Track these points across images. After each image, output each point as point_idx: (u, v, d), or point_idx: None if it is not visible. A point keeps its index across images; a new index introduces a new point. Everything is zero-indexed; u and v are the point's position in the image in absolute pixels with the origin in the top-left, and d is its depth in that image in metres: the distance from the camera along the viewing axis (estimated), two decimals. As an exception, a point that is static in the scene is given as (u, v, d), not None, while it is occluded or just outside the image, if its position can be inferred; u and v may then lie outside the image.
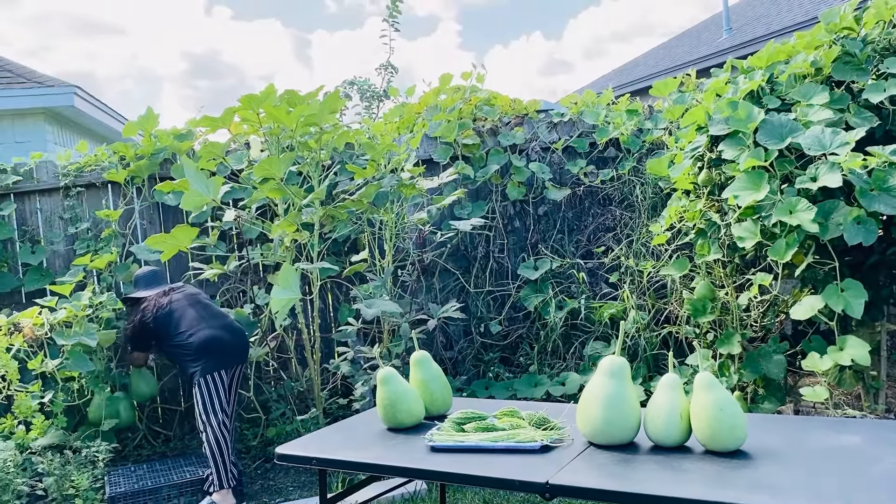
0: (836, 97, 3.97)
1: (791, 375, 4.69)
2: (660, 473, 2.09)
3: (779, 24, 11.51)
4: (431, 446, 2.44)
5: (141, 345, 4.41)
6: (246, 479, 4.39)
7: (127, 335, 4.46)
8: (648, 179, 5.40)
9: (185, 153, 5.07)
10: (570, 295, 5.40)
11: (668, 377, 2.34)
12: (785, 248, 3.70)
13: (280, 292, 3.77)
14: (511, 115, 5.74)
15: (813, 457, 2.14)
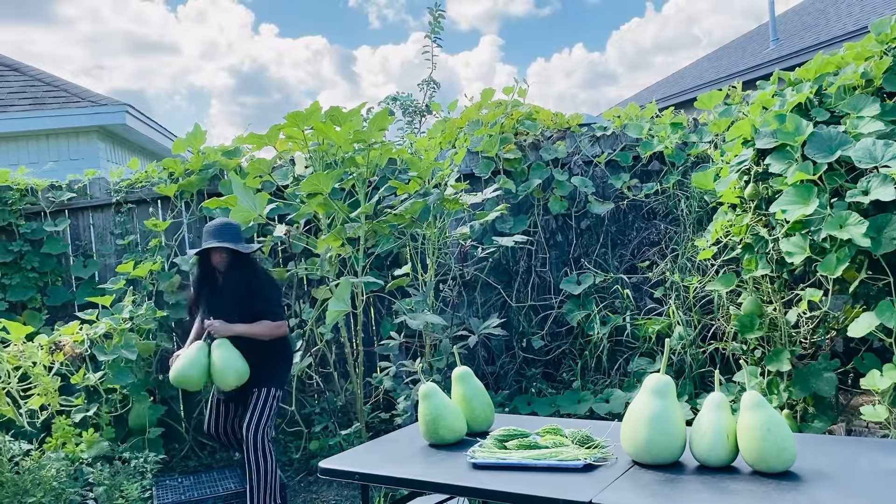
0: (888, 108, 3.87)
1: (842, 394, 4.56)
2: (706, 494, 2.06)
3: (827, 34, 11.29)
4: (473, 463, 2.44)
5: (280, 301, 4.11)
6: (290, 492, 4.43)
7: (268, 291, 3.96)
8: (693, 193, 5.33)
9: (232, 169, 5.18)
10: (614, 310, 5.35)
11: (714, 396, 2.30)
12: (836, 263, 3.61)
13: (335, 304, 3.91)
14: (553, 129, 5.73)
15: (866, 480, 2.08)
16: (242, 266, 3.89)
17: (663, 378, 2.34)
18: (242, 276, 3.87)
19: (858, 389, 4.29)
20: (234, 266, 3.88)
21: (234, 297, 3.86)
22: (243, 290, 3.85)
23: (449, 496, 3.06)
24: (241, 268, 3.88)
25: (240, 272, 3.87)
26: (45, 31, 65.98)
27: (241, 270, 3.88)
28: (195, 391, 4.58)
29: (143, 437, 4.52)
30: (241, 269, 3.88)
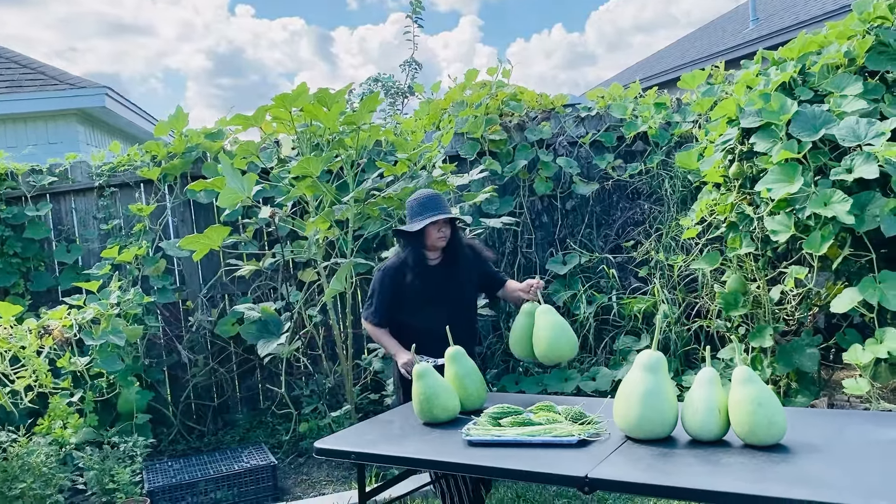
0: (871, 87, 3.92)
1: (825, 369, 4.65)
2: (699, 467, 2.10)
3: (807, 13, 11.35)
4: (469, 440, 2.46)
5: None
6: (280, 473, 4.44)
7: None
8: (677, 173, 5.37)
9: (216, 152, 5.14)
10: (600, 290, 5.39)
11: (705, 371, 2.33)
12: (820, 240, 3.66)
13: (336, 284, 3.92)
14: (537, 110, 5.73)
15: (854, 451, 2.13)
16: (459, 242, 3.38)
17: (655, 354, 2.37)
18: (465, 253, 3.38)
19: (840, 364, 4.38)
20: (455, 243, 3.34)
21: (465, 272, 3.35)
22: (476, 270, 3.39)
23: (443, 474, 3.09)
24: (460, 244, 3.38)
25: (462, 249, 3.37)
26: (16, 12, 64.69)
27: (461, 247, 3.38)
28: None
29: (131, 422, 4.50)
30: (461, 246, 3.38)
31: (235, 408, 5.29)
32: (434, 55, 58.18)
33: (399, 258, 3.34)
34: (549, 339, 2.99)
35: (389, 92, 9.14)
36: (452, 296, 3.29)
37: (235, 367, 5.24)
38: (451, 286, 3.29)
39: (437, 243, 3.25)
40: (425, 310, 3.25)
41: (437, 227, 3.21)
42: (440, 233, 3.22)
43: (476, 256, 3.42)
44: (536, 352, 3.04)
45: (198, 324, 5.12)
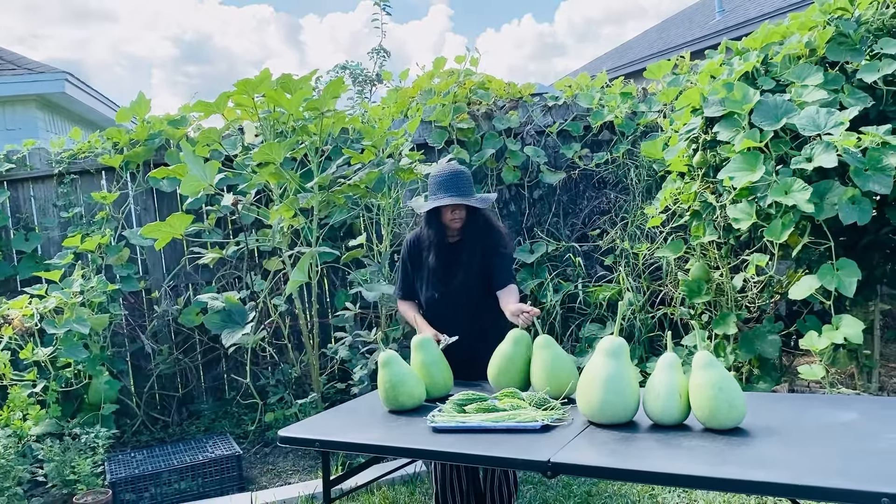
0: (831, 78, 3.98)
1: (786, 355, 4.74)
2: (660, 451, 2.12)
3: (771, 5, 11.48)
4: (433, 427, 2.46)
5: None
6: (245, 463, 4.41)
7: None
8: (643, 162, 5.41)
9: (179, 139, 5.05)
10: (566, 278, 5.42)
11: (667, 356, 2.36)
12: (781, 228, 3.72)
13: (297, 274, 3.83)
14: (506, 99, 5.73)
15: (811, 433, 2.17)
16: (479, 223, 3.21)
17: (617, 340, 2.39)
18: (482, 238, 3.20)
19: (801, 351, 4.47)
20: (472, 224, 3.18)
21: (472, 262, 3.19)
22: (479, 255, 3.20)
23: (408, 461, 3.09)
24: (478, 225, 3.20)
25: (481, 233, 3.20)
26: (-27, -3, 63.01)
27: (478, 229, 3.20)
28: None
29: (94, 413, 4.43)
30: (478, 228, 3.20)
31: (200, 398, 5.23)
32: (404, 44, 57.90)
33: (418, 231, 3.31)
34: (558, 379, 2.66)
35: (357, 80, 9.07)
36: (468, 279, 3.18)
37: (200, 356, 5.18)
38: (467, 268, 3.18)
39: (452, 224, 3.16)
40: (443, 286, 3.20)
41: (451, 207, 3.11)
42: (453, 214, 3.13)
43: (501, 248, 3.23)
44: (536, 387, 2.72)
45: (162, 313, 5.05)
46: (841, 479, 1.77)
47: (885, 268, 4.33)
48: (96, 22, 79.42)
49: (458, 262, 3.19)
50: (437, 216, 3.17)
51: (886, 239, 4.24)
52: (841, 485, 1.74)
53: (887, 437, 2.06)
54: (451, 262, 3.19)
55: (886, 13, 4.12)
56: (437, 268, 3.21)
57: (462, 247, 3.19)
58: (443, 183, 3.11)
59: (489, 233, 3.23)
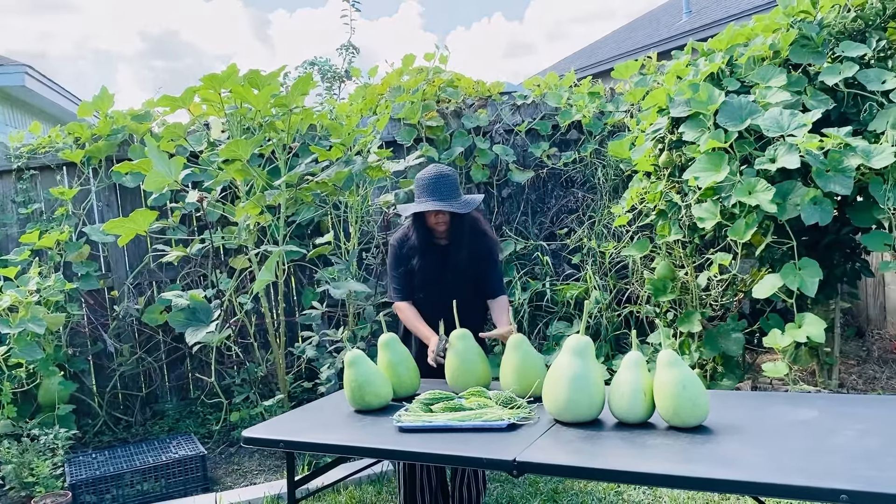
0: (794, 80, 4.04)
1: (749, 353, 4.81)
2: (625, 449, 2.13)
3: (737, 7, 11.64)
4: (399, 427, 2.45)
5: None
6: (210, 463, 4.35)
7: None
8: (610, 161, 5.45)
9: (143, 134, 4.97)
10: (534, 276, 5.44)
11: (631, 355, 2.37)
12: (744, 228, 3.77)
13: (264, 274, 3.76)
14: (474, 98, 5.73)
15: (773, 431, 2.20)
16: (465, 227, 3.16)
17: (583, 339, 2.40)
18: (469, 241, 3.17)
19: (764, 348, 4.53)
20: (458, 227, 3.13)
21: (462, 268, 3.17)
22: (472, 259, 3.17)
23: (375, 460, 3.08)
24: (464, 229, 3.15)
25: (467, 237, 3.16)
26: (-70, -14, 61.35)
27: (465, 232, 3.16)
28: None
29: (53, 414, 4.34)
30: (464, 231, 3.15)
31: (164, 397, 5.15)
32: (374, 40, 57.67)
33: (404, 230, 3.27)
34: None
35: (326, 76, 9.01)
36: (455, 280, 3.16)
37: (164, 355, 5.10)
38: (455, 271, 3.16)
39: (436, 227, 3.14)
40: (428, 288, 3.17)
41: (434, 211, 3.08)
42: (437, 218, 3.10)
43: (488, 254, 3.22)
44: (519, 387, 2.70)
45: (124, 312, 4.96)
46: (801, 476, 1.80)
47: (846, 267, 4.42)
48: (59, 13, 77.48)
49: (445, 265, 3.16)
50: (423, 219, 3.14)
51: (847, 239, 4.33)
52: (801, 482, 1.77)
53: (846, 434, 2.09)
54: (438, 265, 3.17)
55: (847, 17, 4.19)
56: (425, 270, 3.18)
57: (449, 249, 3.16)
58: (427, 186, 3.08)
59: (477, 237, 3.21)
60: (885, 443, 2.00)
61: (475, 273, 3.20)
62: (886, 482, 1.73)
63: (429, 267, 3.17)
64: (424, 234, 3.16)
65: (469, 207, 3.09)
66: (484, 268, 3.21)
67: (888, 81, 3.87)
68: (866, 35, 4.13)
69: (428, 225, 3.15)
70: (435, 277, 3.17)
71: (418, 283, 3.20)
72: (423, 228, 3.15)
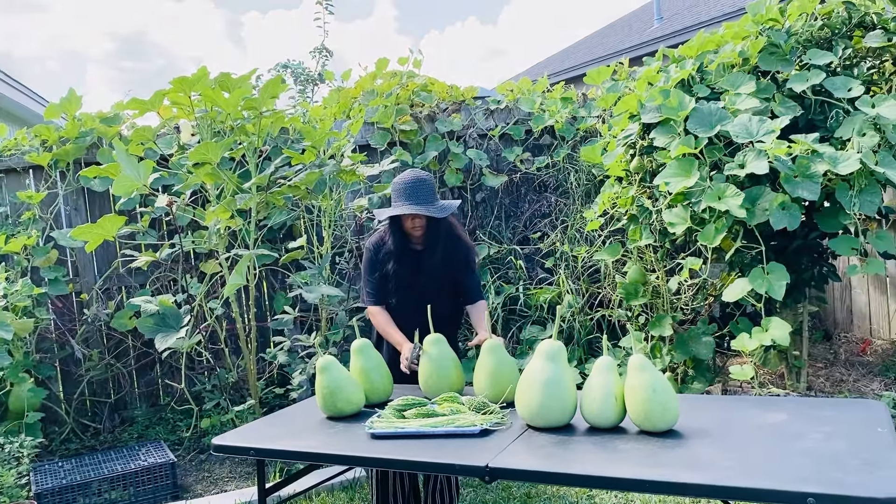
0: (763, 86, 4.10)
1: (719, 356, 4.86)
2: (596, 454, 2.14)
3: (707, 14, 11.79)
4: (372, 433, 2.44)
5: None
6: (180, 470, 4.30)
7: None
8: (582, 166, 5.48)
9: (112, 137, 4.90)
10: (508, 280, 5.46)
11: (602, 360, 2.38)
12: (714, 233, 3.81)
13: (234, 278, 3.72)
14: (448, 102, 5.74)
15: (742, 435, 2.22)
16: (441, 232, 3.14)
17: (555, 344, 2.41)
18: (444, 246, 3.15)
19: (734, 352, 4.58)
20: (434, 233, 3.12)
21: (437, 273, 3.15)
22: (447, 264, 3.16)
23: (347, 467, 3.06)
24: (440, 234, 3.14)
25: (442, 242, 3.15)
26: None
27: (441, 238, 3.14)
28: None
29: (19, 422, 4.25)
30: (440, 237, 3.14)
31: (134, 404, 5.08)
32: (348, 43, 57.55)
33: (380, 234, 3.25)
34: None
35: (299, 79, 8.98)
36: (430, 285, 3.14)
37: (133, 361, 5.03)
38: (429, 276, 3.14)
39: (412, 232, 3.12)
40: (402, 293, 3.16)
41: (410, 216, 3.06)
42: (413, 222, 3.08)
43: (464, 259, 3.21)
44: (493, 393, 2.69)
45: (93, 317, 4.88)
46: (769, 479, 1.82)
47: (813, 271, 4.48)
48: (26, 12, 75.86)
49: (420, 270, 3.15)
50: (400, 223, 3.12)
51: (814, 243, 4.39)
52: (768, 485, 1.78)
53: (813, 437, 2.12)
54: (413, 270, 3.15)
55: (814, 25, 4.26)
56: (400, 274, 3.16)
57: (423, 254, 3.15)
58: (403, 191, 3.06)
59: (453, 243, 3.19)
60: (850, 445, 2.03)
61: (451, 279, 3.19)
62: (852, 485, 1.75)
63: (404, 271, 3.16)
64: (400, 239, 3.15)
65: (446, 212, 3.08)
66: (460, 273, 3.21)
67: (854, 89, 3.94)
68: (833, 43, 4.21)
69: (404, 229, 3.14)
70: (410, 282, 3.16)
71: (393, 288, 3.19)
72: (399, 233, 3.15)
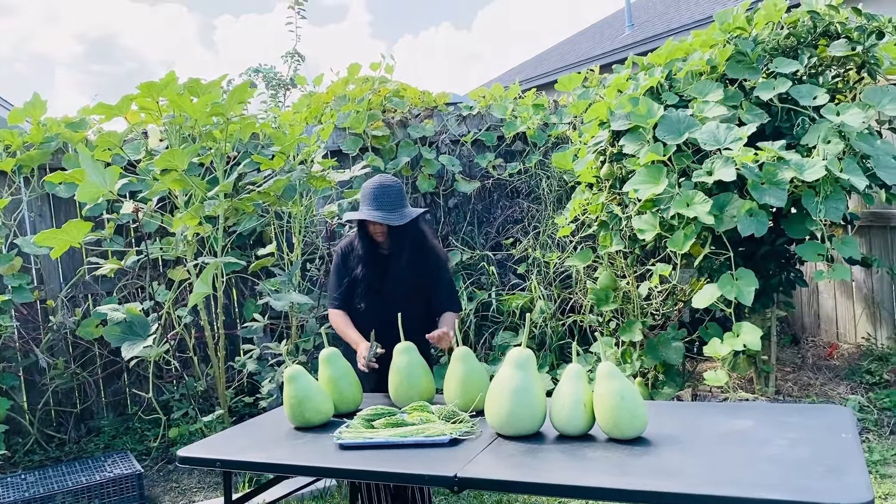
0: (730, 94, 4.15)
1: (689, 361, 4.90)
2: (565, 462, 2.14)
3: (678, 21, 11.93)
4: (340, 444, 2.41)
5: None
6: (147, 481, 4.23)
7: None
8: (554, 173, 5.50)
9: (78, 143, 4.82)
10: (480, 286, 5.45)
11: (571, 367, 2.39)
12: (683, 239, 3.84)
13: (199, 286, 3.66)
14: (420, 108, 5.73)
15: (709, 442, 2.23)
16: (406, 238, 3.10)
17: (525, 352, 2.40)
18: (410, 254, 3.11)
19: (703, 357, 4.62)
20: (398, 239, 3.09)
21: (404, 279, 3.11)
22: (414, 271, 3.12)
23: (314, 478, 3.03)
24: (404, 241, 3.11)
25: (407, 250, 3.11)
26: None
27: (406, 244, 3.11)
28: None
29: (-21, 433, 4.16)
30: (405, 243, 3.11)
31: (100, 413, 4.99)
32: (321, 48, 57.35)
33: (350, 238, 3.24)
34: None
35: (271, 84, 8.90)
36: (398, 291, 3.12)
37: (100, 370, 4.94)
38: (396, 281, 3.12)
39: (376, 237, 3.11)
40: (370, 298, 3.15)
41: (371, 221, 3.05)
42: (375, 227, 3.08)
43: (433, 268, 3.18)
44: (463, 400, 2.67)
45: (58, 325, 4.79)
46: (734, 487, 1.83)
47: (781, 276, 4.54)
48: (-4, 15, 74.24)
49: (386, 275, 3.13)
50: (365, 228, 3.11)
51: (782, 249, 4.45)
52: (735, 493, 1.79)
53: (779, 444, 2.14)
54: (381, 275, 3.14)
55: (781, 34, 4.32)
56: (367, 279, 3.15)
57: (391, 260, 3.14)
58: (367, 195, 3.05)
59: (422, 251, 3.16)
60: (815, 452, 2.04)
61: (419, 287, 3.17)
62: (818, 492, 1.77)
63: (371, 276, 3.15)
64: (368, 243, 3.14)
65: (403, 220, 3.05)
66: (429, 283, 3.19)
67: (819, 97, 4.00)
68: (798, 52, 4.27)
69: (370, 234, 3.13)
70: (378, 287, 3.15)
71: (361, 293, 3.18)
72: (366, 238, 3.14)
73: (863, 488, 1.76)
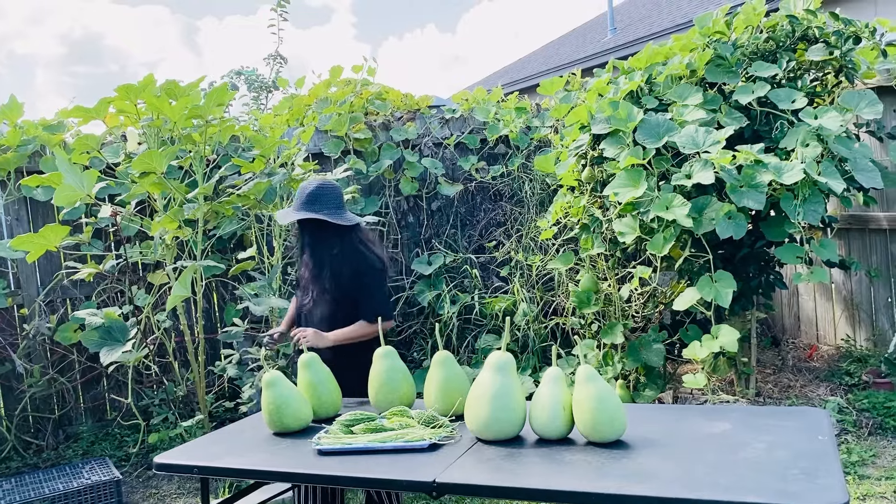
0: (709, 98, 4.17)
1: (670, 363, 4.92)
2: (544, 466, 2.13)
3: (659, 25, 12.00)
4: (319, 450, 2.39)
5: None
6: (126, 488, 4.18)
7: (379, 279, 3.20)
8: (536, 176, 5.51)
9: (56, 145, 4.77)
10: (464, 289, 5.45)
11: (551, 371, 2.38)
12: (662, 242, 3.86)
13: (178, 289, 3.65)
14: (403, 110, 5.73)
15: (687, 445, 2.23)
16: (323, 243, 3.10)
17: (504, 356, 2.40)
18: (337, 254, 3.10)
19: (684, 359, 4.64)
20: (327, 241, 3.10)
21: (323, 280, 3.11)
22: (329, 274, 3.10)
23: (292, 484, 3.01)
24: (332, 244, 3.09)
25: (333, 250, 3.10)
26: None
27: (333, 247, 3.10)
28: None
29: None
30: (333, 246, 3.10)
31: (79, 419, 4.94)
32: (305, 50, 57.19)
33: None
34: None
35: (253, 86, 8.87)
36: (324, 293, 3.13)
37: (79, 375, 4.89)
38: (316, 281, 3.15)
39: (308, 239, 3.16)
40: (303, 297, 3.23)
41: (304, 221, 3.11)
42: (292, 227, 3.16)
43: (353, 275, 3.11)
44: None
45: (35, 331, 4.73)
46: (711, 490, 1.83)
47: (761, 279, 4.57)
48: (-24, 16, 73.19)
49: (321, 276, 3.14)
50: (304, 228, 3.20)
51: (761, 252, 4.48)
52: (711, 496, 1.80)
53: (756, 447, 2.14)
54: (309, 277, 3.20)
55: (759, 38, 4.36)
56: (300, 277, 3.28)
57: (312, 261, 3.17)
58: (296, 196, 3.14)
59: (343, 256, 3.10)
60: (791, 455, 2.05)
61: (343, 292, 3.11)
62: (793, 494, 1.77)
63: (303, 277, 3.25)
64: (300, 244, 3.24)
65: (288, 218, 3.10)
66: (353, 289, 3.12)
67: (797, 100, 4.03)
68: (777, 56, 4.30)
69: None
70: (305, 286, 3.23)
71: (301, 290, 3.28)
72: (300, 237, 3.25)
73: (838, 490, 1.77)
